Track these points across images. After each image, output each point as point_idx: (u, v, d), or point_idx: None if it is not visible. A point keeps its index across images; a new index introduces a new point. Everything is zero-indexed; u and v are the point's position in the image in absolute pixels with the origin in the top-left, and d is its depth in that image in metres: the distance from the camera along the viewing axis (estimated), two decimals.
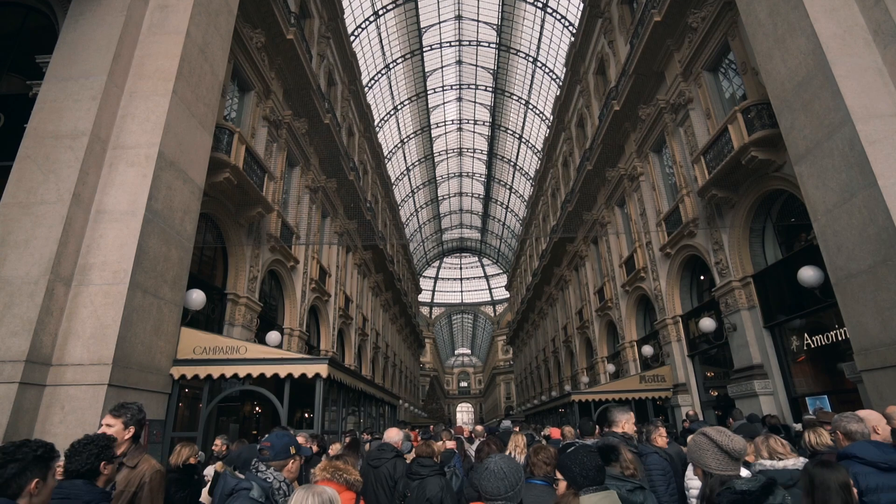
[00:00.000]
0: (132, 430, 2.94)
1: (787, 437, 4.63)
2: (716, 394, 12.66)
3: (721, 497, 1.86)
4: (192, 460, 4.71)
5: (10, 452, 1.85)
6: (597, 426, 6.56)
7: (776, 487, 1.86)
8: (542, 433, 8.50)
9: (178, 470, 4.55)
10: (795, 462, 3.03)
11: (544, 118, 32.19)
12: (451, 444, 5.97)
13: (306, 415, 11.62)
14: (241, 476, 2.56)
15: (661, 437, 4.26)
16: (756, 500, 1.78)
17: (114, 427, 2.87)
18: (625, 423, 3.66)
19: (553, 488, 2.57)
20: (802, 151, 6.83)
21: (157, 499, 2.84)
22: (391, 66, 30.89)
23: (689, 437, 2.65)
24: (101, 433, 2.56)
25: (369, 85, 29.22)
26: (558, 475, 2.40)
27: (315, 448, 5.61)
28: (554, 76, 29.16)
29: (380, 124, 32.38)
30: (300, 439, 5.42)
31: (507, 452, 4.94)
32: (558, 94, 24.67)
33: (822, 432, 3.54)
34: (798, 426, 7.74)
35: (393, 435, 4.61)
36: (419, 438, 8.49)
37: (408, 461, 4.28)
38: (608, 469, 2.62)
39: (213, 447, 6.21)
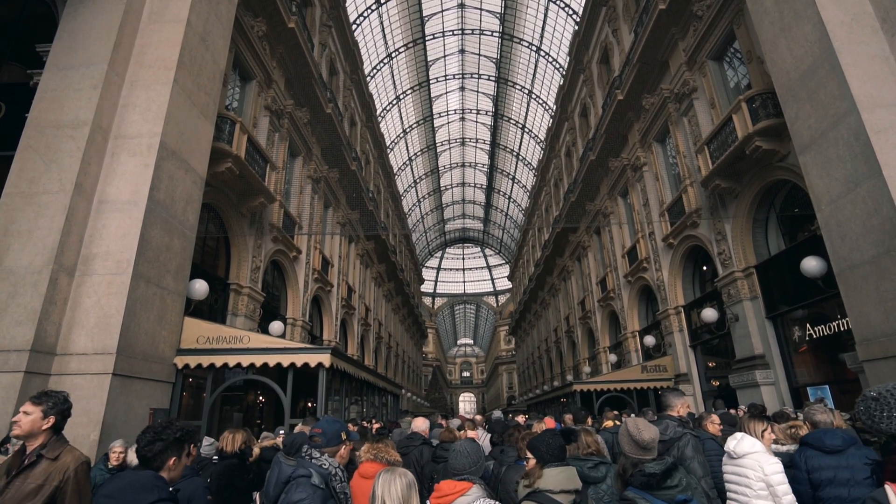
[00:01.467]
0: (52, 419, 2.69)
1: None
2: (717, 384, 12.69)
3: (633, 478, 2.26)
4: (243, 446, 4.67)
5: (158, 433, 2.23)
6: (589, 415, 6.89)
7: (677, 471, 2.26)
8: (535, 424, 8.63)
9: (236, 455, 4.46)
10: (789, 448, 3.62)
11: (547, 108, 31.98)
12: (472, 434, 5.98)
13: (309, 404, 11.70)
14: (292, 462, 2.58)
15: (712, 425, 4.33)
16: (659, 481, 2.19)
17: (31, 415, 2.64)
18: (680, 407, 3.78)
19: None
20: (807, 141, 6.77)
21: (84, 492, 2.57)
22: (393, 55, 30.68)
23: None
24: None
25: (371, 74, 29.05)
26: (529, 454, 2.73)
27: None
28: (557, 65, 28.92)
29: (382, 114, 32.24)
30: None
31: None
32: (561, 83, 24.47)
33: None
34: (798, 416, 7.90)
35: (420, 424, 4.91)
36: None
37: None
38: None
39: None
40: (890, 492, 1.34)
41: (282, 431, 6.26)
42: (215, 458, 4.79)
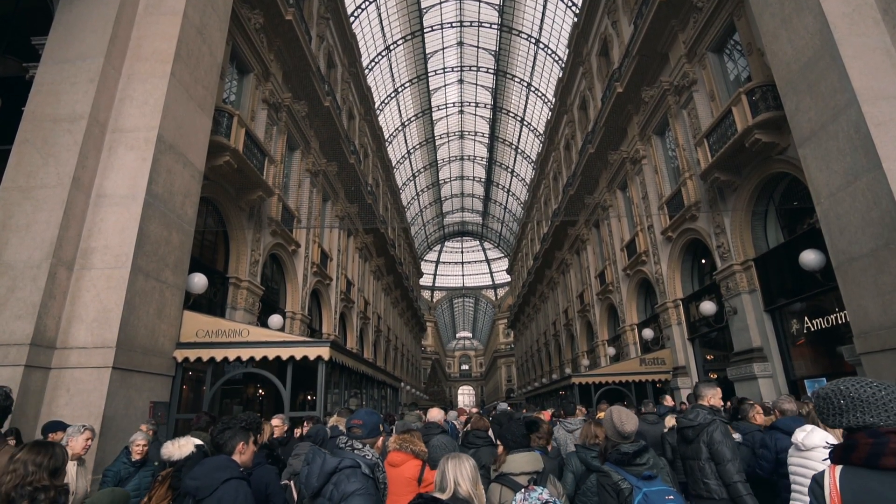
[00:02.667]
0: None
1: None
2: (715, 376, 12.75)
3: (610, 455, 2.82)
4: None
5: (227, 423, 2.69)
6: (578, 407, 7.34)
7: (647, 451, 2.77)
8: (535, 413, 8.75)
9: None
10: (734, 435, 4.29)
11: (546, 100, 31.87)
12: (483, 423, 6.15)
13: (309, 397, 11.74)
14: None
15: (759, 415, 4.40)
16: (630, 458, 2.70)
17: None
18: (710, 397, 3.92)
19: (543, 455, 3.44)
20: (807, 134, 6.76)
21: None
22: (391, 47, 30.51)
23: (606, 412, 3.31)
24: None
25: (369, 67, 28.89)
26: (499, 441, 3.19)
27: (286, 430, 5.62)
28: (556, 58, 28.79)
29: (380, 107, 32.10)
30: (275, 422, 5.44)
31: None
32: (561, 75, 24.37)
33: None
34: None
35: (436, 414, 5.05)
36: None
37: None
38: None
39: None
40: (828, 473, 1.49)
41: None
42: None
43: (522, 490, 2.62)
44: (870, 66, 6.03)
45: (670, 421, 5.55)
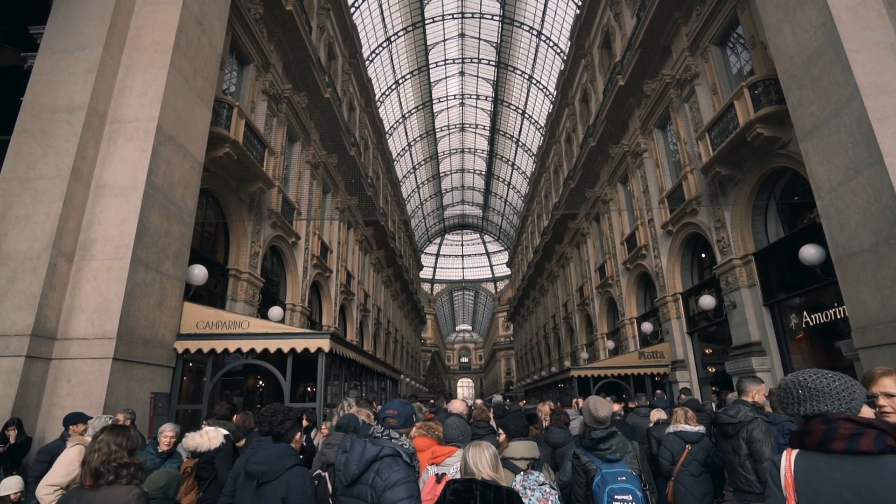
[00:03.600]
0: None
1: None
2: (714, 370, 12.79)
3: (583, 440, 3.28)
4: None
5: (286, 414, 2.91)
6: (574, 399, 7.76)
7: (615, 436, 3.17)
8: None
9: None
10: (697, 427, 4.83)
11: (548, 93, 31.72)
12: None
13: (309, 388, 11.79)
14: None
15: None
16: (601, 440, 3.11)
17: None
18: (755, 393, 3.94)
19: (539, 444, 3.97)
20: (809, 128, 6.74)
21: None
22: (392, 38, 30.31)
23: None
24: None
25: (370, 59, 28.72)
26: (500, 430, 3.72)
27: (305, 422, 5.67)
28: (558, 50, 28.61)
29: (381, 99, 31.96)
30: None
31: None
32: (562, 68, 24.23)
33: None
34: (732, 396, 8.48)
35: (458, 406, 5.19)
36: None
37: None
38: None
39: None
40: (785, 456, 1.62)
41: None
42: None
43: (522, 473, 2.91)
44: (873, 61, 5.99)
45: (655, 415, 5.74)
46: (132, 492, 2.25)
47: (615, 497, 2.87)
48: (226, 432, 4.17)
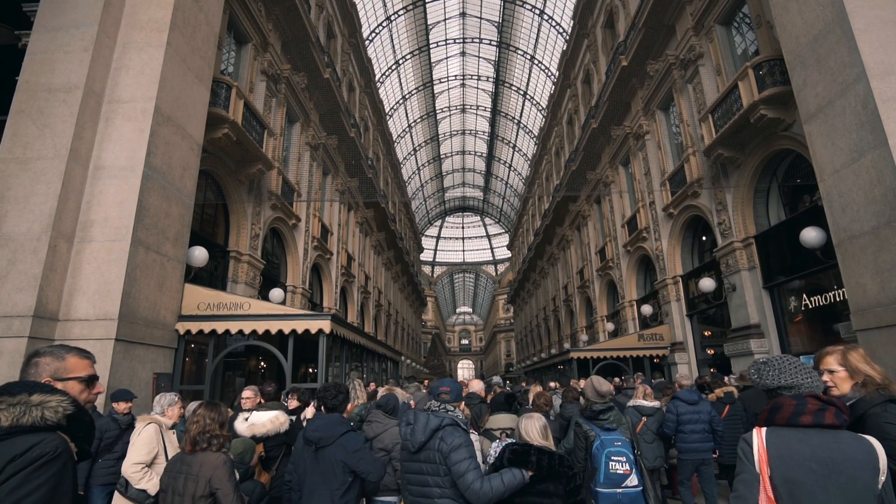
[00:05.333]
0: None
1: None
2: (712, 352, 12.88)
3: (585, 412, 3.93)
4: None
5: (339, 389, 3.34)
6: (573, 381, 8.19)
7: (612, 409, 3.78)
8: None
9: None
10: (654, 403, 5.74)
11: (550, 74, 31.31)
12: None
13: (310, 370, 11.90)
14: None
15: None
16: (602, 412, 3.73)
17: None
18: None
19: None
20: (813, 110, 6.66)
21: None
22: (392, 17, 29.82)
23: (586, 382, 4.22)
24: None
25: (370, 38, 28.29)
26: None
27: (296, 403, 5.69)
28: (561, 30, 28.17)
29: (381, 80, 31.57)
30: (247, 393, 5.16)
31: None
32: (565, 48, 23.89)
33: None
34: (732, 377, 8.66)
35: (476, 385, 5.36)
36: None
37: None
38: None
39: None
40: (755, 434, 1.75)
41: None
42: None
43: (497, 440, 3.41)
44: (881, 40, 5.88)
45: (638, 396, 5.96)
46: (220, 458, 2.72)
47: (612, 458, 3.42)
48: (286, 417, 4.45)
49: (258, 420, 4.22)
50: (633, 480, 3.37)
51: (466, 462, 2.59)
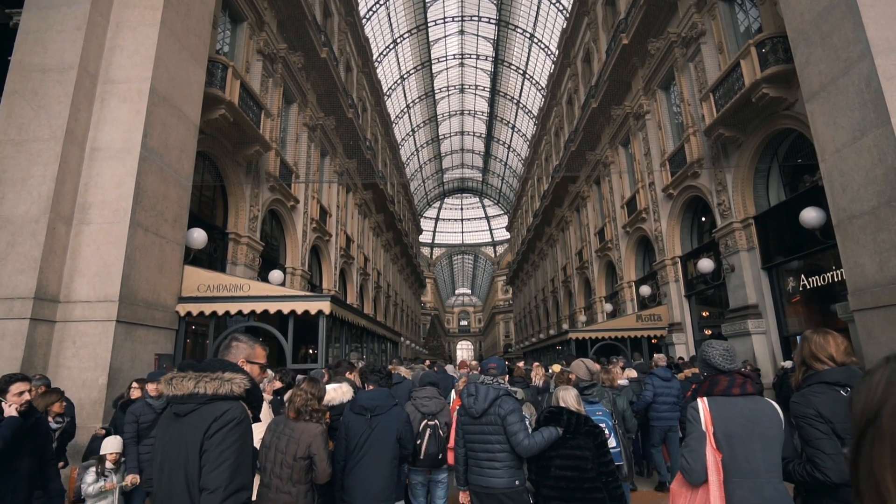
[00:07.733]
0: None
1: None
2: (710, 333, 12.98)
3: (576, 386, 4.18)
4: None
5: (381, 370, 3.85)
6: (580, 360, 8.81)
7: (596, 385, 4.61)
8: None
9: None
10: (624, 382, 6.73)
11: (549, 53, 30.87)
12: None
13: (311, 350, 11.98)
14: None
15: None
16: (587, 388, 4.42)
17: None
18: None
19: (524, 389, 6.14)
20: (816, 88, 6.59)
21: None
22: None
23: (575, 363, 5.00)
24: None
25: (367, 16, 27.79)
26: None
27: (279, 384, 5.55)
28: (561, 7, 27.68)
29: (378, 59, 31.10)
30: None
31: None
32: (565, 26, 23.52)
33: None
34: (788, 363, 8.28)
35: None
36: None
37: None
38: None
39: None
40: (700, 402, 2.32)
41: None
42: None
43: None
44: (886, 17, 5.79)
45: (627, 374, 7.25)
46: (319, 428, 3.17)
47: None
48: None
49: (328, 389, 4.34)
50: (612, 442, 4.06)
51: (518, 424, 3.29)
